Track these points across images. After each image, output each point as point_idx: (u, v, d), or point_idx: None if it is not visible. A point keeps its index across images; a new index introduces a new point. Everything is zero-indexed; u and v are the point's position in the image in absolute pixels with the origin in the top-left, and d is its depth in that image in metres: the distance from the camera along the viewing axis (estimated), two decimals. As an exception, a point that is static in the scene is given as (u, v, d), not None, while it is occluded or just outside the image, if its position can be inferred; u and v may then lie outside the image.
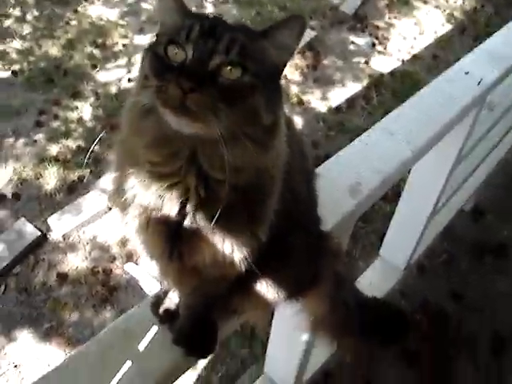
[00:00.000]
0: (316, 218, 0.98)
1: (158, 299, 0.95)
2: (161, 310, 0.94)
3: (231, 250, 0.70)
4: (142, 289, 2.69)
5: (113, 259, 2.87)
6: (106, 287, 2.73)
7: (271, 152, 0.66)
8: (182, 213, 0.68)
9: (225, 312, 0.94)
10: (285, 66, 0.67)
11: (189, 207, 0.67)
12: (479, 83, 1.68)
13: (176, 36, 0.60)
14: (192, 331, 0.90)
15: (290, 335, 1.64)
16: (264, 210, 0.71)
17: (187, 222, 0.68)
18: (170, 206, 0.68)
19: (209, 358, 1.06)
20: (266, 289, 0.85)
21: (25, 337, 2.54)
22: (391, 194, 2.90)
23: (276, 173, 0.70)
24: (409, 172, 2.01)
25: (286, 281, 0.88)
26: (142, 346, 0.92)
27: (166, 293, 0.93)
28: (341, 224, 1.14)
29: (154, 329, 0.94)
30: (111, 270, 2.82)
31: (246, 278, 0.80)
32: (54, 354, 2.48)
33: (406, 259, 2.41)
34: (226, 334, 1.08)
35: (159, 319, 0.94)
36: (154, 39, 0.66)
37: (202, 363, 2.35)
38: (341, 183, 1.23)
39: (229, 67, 0.60)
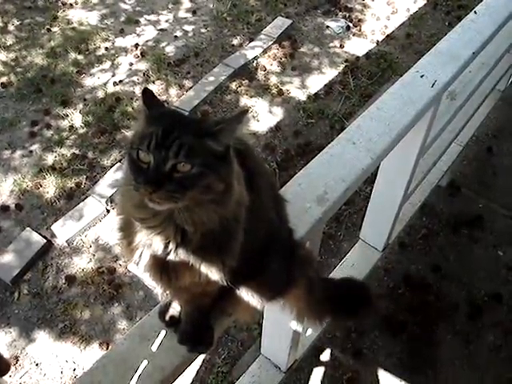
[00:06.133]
0: (287, 232, 1.19)
1: (164, 308, 1.17)
2: (166, 317, 1.16)
3: (206, 274, 0.92)
4: (145, 284, 2.87)
5: (116, 258, 3.07)
6: (112, 285, 2.93)
7: (229, 204, 0.86)
8: (166, 249, 0.89)
9: (220, 315, 1.17)
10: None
11: (171, 246, 0.89)
12: (433, 85, 1.85)
13: (141, 145, 0.80)
14: (192, 332, 1.13)
15: (280, 321, 1.83)
16: (231, 244, 0.92)
17: (170, 257, 0.90)
18: (157, 246, 0.89)
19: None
20: (250, 296, 1.07)
21: (43, 337, 2.75)
22: (371, 176, 3.07)
23: (239, 215, 0.90)
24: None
25: (266, 289, 1.10)
26: (154, 347, 1.14)
27: (169, 303, 1.15)
28: (311, 231, 1.34)
29: (163, 333, 1.15)
30: (115, 269, 3.01)
31: (232, 289, 1.01)
32: (70, 351, 2.70)
33: (384, 240, 2.61)
34: (222, 331, 1.29)
35: (166, 324, 1.16)
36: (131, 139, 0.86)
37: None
38: (310, 194, 1.40)
39: (181, 164, 0.79)
